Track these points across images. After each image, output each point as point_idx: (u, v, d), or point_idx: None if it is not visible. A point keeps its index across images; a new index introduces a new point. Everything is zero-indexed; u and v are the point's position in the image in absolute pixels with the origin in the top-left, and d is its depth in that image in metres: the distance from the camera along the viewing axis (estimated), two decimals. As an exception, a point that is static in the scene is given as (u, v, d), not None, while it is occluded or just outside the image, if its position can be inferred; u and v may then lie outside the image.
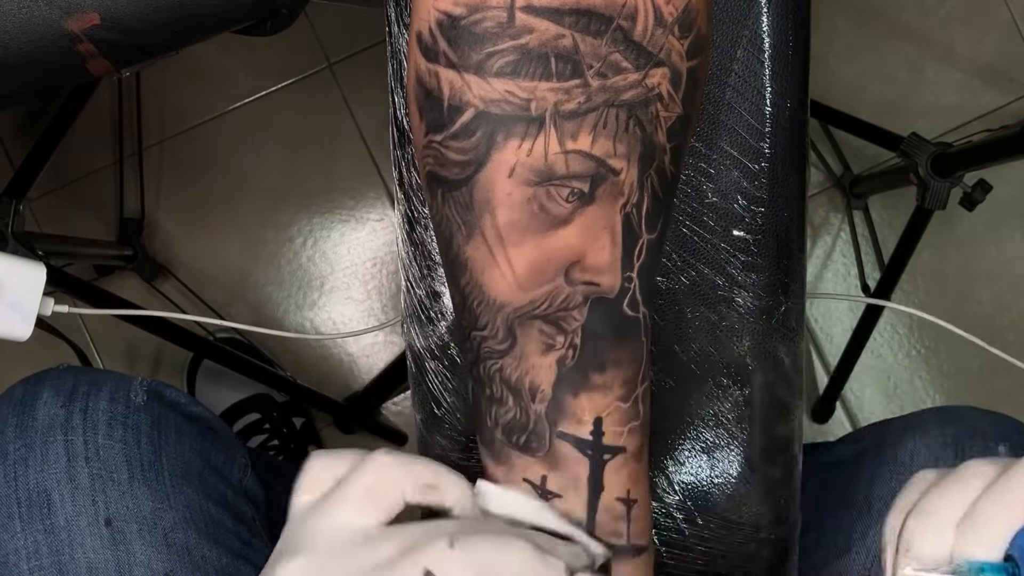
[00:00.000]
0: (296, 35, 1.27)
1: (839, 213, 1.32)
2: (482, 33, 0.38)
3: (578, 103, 0.39)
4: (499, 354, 0.43)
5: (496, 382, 0.43)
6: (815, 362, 1.31)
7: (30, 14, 0.53)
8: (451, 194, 0.41)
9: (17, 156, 1.24)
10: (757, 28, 0.50)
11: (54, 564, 0.53)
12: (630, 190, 0.41)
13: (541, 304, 0.41)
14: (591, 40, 0.38)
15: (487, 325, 0.43)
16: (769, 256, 0.52)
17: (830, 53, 1.31)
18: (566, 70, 0.38)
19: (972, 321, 1.30)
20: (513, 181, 0.40)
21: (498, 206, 0.40)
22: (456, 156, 0.40)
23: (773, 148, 0.51)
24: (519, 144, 0.39)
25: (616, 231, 0.41)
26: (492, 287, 0.42)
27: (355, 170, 1.28)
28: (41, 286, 0.61)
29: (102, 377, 0.59)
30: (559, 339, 0.42)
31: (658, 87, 0.40)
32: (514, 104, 0.39)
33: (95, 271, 1.24)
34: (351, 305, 1.28)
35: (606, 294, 0.42)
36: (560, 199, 0.40)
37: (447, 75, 0.39)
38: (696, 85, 0.42)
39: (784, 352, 0.53)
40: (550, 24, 0.38)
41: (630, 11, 0.38)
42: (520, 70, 0.38)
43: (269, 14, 0.61)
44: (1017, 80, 1.33)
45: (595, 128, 0.39)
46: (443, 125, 0.40)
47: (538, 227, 0.40)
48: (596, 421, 0.43)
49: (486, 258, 0.41)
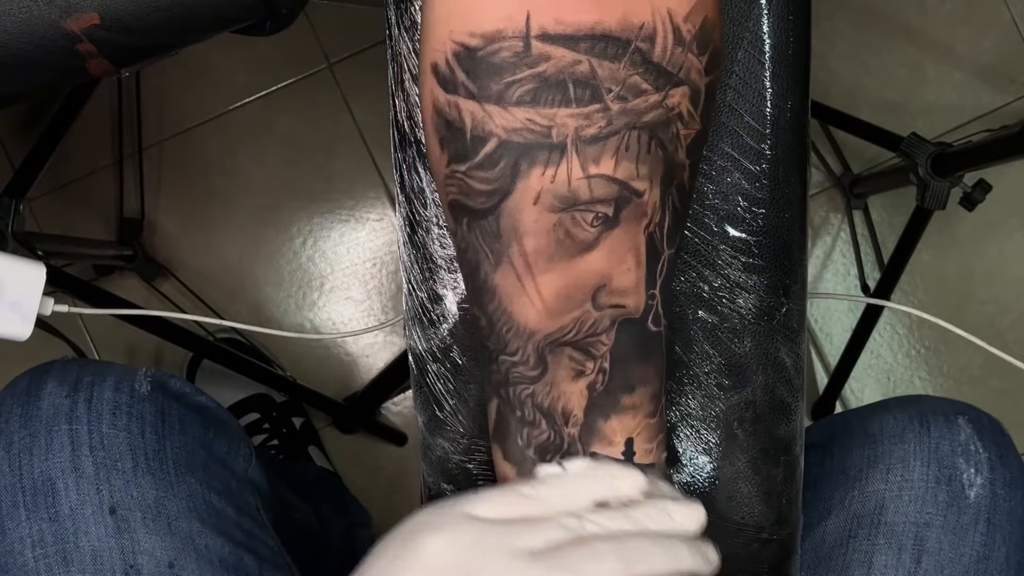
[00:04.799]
0: (296, 35, 1.27)
1: (839, 213, 1.32)
2: (500, 63, 0.38)
3: (599, 127, 0.39)
4: (530, 380, 0.43)
5: (528, 406, 0.44)
6: (815, 362, 1.31)
7: (30, 14, 0.53)
8: (477, 223, 0.41)
9: (17, 156, 1.24)
10: (758, 30, 0.50)
11: (59, 552, 0.54)
12: (653, 210, 0.41)
13: (570, 331, 0.42)
14: (608, 64, 0.38)
15: (517, 351, 0.43)
16: (770, 257, 0.52)
17: (830, 53, 1.31)
18: (585, 95, 0.38)
19: (972, 321, 1.30)
20: (539, 208, 0.40)
21: (525, 234, 0.40)
22: (481, 186, 0.40)
23: (774, 150, 0.51)
24: (543, 171, 0.39)
25: (640, 252, 0.41)
26: (521, 315, 0.42)
27: (355, 170, 1.28)
28: (41, 286, 0.61)
29: (107, 368, 0.60)
30: (589, 365, 0.42)
31: (678, 106, 0.40)
32: (536, 132, 0.39)
33: (95, 271, 1.24)
34: (351, 305, 1.28)
35: (632, 315, 0.42)
36: (585, 224, 0.40)
37: (468, 106, 0.39)
38: (712, 100, 0.42)
39: (785, 353, 0.53)
40: (566, 51, 0.38)
41: (648, 33, 0.38)
42: (539, 98, 0.38)
43: (268, 14, 0.61)
44: (1017, 80, 1.33)
45: (617, 151, 0.39)
46: (466, 156, 0.40)
47: (565, 253, 0.40)
48: (628, 442, 0.44)
49: (515, 286, 0.41)
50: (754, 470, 0.54)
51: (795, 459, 0.56)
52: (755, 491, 0.55)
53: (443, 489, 0.56)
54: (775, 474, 0.55)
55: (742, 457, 0.54)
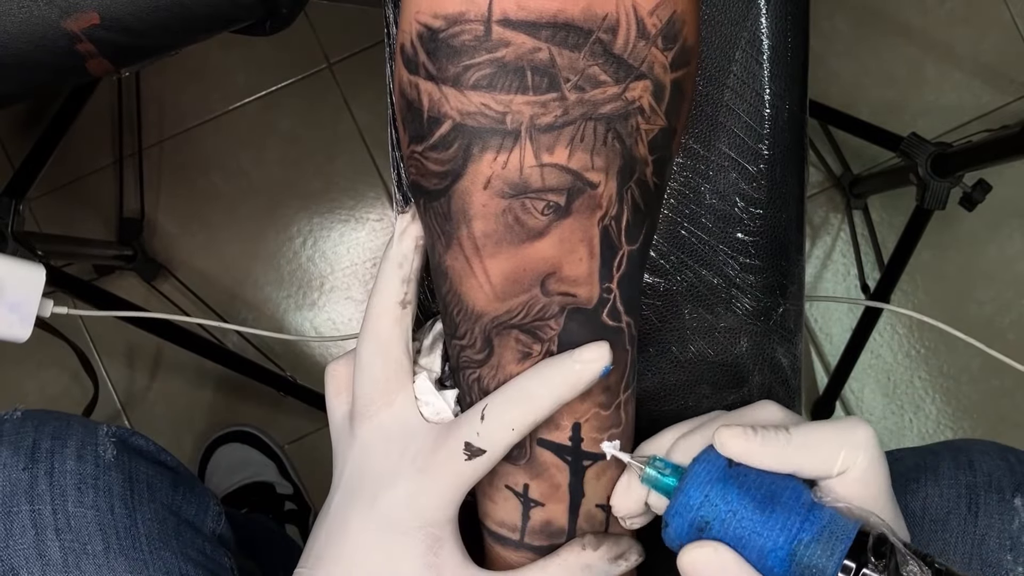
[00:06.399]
0: (296, 35, 1.27)
1: (839, 213, 1.32)
2: (459, 46, 0.38)
3: (555, 116, 0.38)
4: (477, 364, 0.43)
5: (475, 391, 0.44)
6: (815, 362, 1.31)
7: (29, 14, 0.53)
8: (431, 204, 0.41)
9: (17, 156, 1.24)
10: (756, 30, 0.50)
11: None
12: (608, 203, 0.40)
13: (518, 313, 0.42)
14: (568, 53, 0.38)
15: (466, 334, 0.43)
16: (767, 258, 0.52)
17: (830, 53, 1.32)
18: (542, 84, 0.38)
19: (972, 321, 1.30)
20: (488, 193, 0.40)
21: (474, 217, 0.40)
22: (435, 167, 0.40)
23: (772, 150, 0.51)
24: (494, 157, 0.39)
25: (593, 244, 0.41)
26: (470, 296, 0.42)
27: (355, 170, 1.28)
28: (40, 287, 0.61)
29: (64, 428, 0.55)
30: (535, 347, 0.42)
31: (639, 100, 0.39)
32: (489, 117, 0.38)
33: (95, 271, 1.25)
34: (351, 305, 1.28)
35: (583, 305, 0.42)
36: (536, 212, 0.40)
37: (426, 87, 0.39)
38: (682, 96, 0.41)
39: (782, 354, 0.53)
40: (527, 38, 0.37)
41: (611, 24, 0.38)
42: (496, 83, 0.38)
43: (268, 14, 0.61)
44: (1017, 80, 1.33)
45: (572, 142, 0.39)
46: (423, 136, 0.40)
47: (514, 238, 0.40)
48: (575, 427, 0.44)
49: (464, 267, 0.41)
50: (751, 470, 0.54)
51: (792, 459, 0.55)
52: (752, 491, 0.55)
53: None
54: (772, 474, 0.55)
55: (740, 457, 0.54)
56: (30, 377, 1.27)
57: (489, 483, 0.45)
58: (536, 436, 0.44)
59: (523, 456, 0.44)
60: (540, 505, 0.45)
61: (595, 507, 0.45)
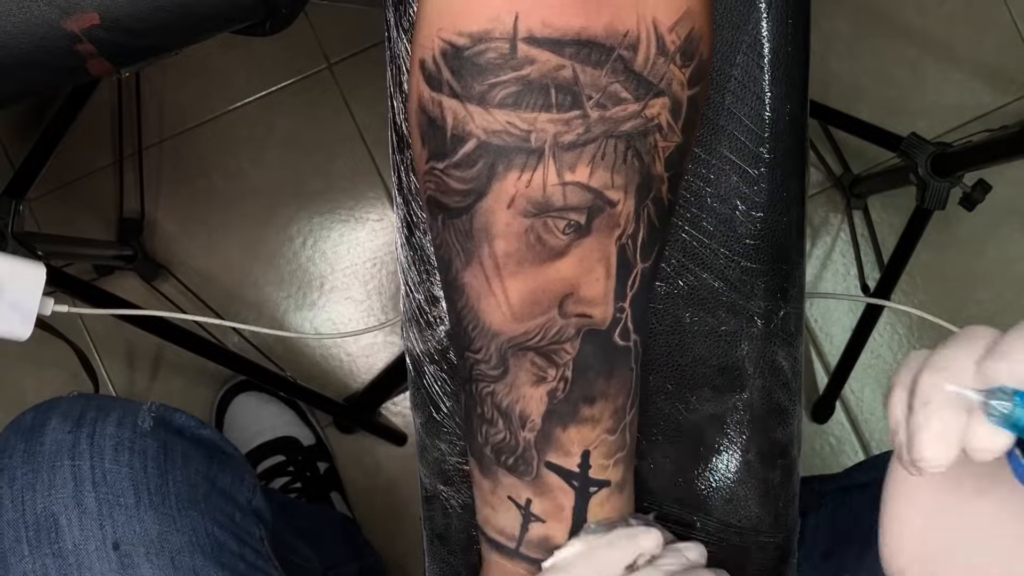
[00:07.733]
0: (296, 35, 1.27)
1: (839, 213, 1.32)
2: (485, 64, 0.38)
3: (577, 134, 0.38)
4: (491, 379, 0.43)
5: (487, 404, 0.44)
6: (815, 362, 1.31)
7: (29, 14, 0.53)
8: (451, 221, 0.41)
9: (17, 156, 1.24)
10: (757, 33, 0.50)
11: None
12: (626, 221, 0.41)
13: (535, 336, 0.42)
14: (591, 70, 0.38)
15: (481, 349, 0.43)
16: (768, 261, 0.52)
17: (830, 53, 1.31)
18: (566, 101, 0.38)
19: (972, 321, 1.29)
20: (512, 212, 0.40)
21: (496, 236, 0.40)
22: (457, 185, 0.40)
23: (772, 153, 0.51)
24: (519, 175, 0.39)
25: (611, 263, 0.41)
26: (487, 315, 0.42)
27: (355, 170, 1.28)
28: (41, 286, 0.61)
29: (111, 403, 0.60)
30: (551, 372, 0.42)
31: (657, 117, 0.40)
32: (515, 135, 0.39)
33: (95, 271, 1.24)
34: (351, 305, 1.28)
35: (598, 326, 0.42)
36: (557, 231, 0.40)
37: (450, 104, 0.39)
38: (696, 112, 0.42)
39: (783, 357, 0.53)
40: (551, 55, 0.38)
41: (631, 41, 0.38)
42: (521, 101, 0.38)
43: (268, 14, 0.61)
44: (1017, 80, 1.32)
45: (593, 160, 0.39)
46: (445, 154, 0.40)
47: (535, 258, 0.40)
48: (584, 454, 0.44)
49: (483, 286, 0.41)
50: (751, 473, 0.54)
51: (792, 462, 0.56)
52: (752, 494, 0.55)
53: (440, 491, 0.56)
54: (772, 477, 0.55)
55: (738, 460, 0.54)
56: (30, 376, 1.27)
57: (492, 492, 0.46)
58: (544, 458, 0.44)
59: (529, 473, 0.44)
60: (541, 521, 0.45)
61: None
